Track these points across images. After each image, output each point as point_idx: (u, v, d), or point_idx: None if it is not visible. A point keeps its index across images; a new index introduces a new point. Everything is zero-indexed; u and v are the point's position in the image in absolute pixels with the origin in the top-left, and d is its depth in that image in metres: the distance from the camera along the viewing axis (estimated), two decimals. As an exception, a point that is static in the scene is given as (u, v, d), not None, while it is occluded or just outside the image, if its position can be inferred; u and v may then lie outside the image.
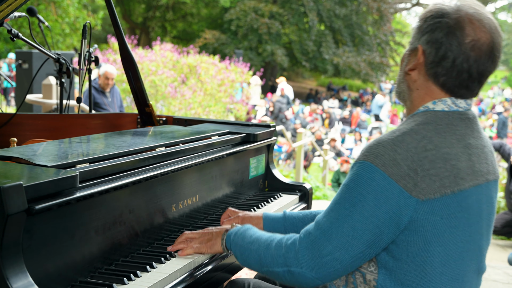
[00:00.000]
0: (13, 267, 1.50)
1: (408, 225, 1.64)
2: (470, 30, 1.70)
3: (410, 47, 1.84)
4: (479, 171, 1.73)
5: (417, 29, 1.81)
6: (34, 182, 1.58)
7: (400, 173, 1.62)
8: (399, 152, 1.64)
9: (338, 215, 1.68)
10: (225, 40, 30.58)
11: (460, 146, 1.71)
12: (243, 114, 14.67)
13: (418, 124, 1.73)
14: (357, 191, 1.66)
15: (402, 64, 1.87)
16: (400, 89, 1.88)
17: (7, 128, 3.13)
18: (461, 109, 1.78)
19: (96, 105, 7.86)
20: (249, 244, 1.86)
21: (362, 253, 1.67)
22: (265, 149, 3.09)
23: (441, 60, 1.74)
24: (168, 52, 14.02)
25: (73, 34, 21.55)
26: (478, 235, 1.75)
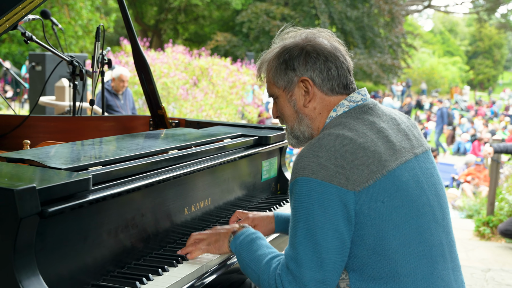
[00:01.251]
0: (25, 270, 1.50)
1: (357, 219, 1.69)
2: (323, 41, 1.92)
3: (287, 90, 1.93)
4: (403, 148, 1.82)
5: (281, 72, 1.92)
6: (47, 185, 1.57)
7: (330, 173, 1.68)
8: (321, 155, 1.71)
9: (299, 239, 1.71)
10: (237, 42, 30.60)
11: (373, 133, 1.79)
12: (255, 116, 14.67)
13: (328, 128, 1.83)
14: (303, 207, 1.70)
15: (289, 111, 1.95)
16: (303, 129, 1.96)
17: (20, 130, 3.14)
18: (359, 102, 1.89)
19: (108, 107, 7.87)
20: (250, 262, 1.87)
21: (336, 262, 1.69)
22: (278, 152, 3.08)
23: (328, 74, 1.89)
24: (180, 55, 14.05)
25: (85, 36, 21.63)
26: (428, 207, 1.80)
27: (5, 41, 21.22)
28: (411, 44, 34.68)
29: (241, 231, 1.98)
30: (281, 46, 1.95)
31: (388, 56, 31.06)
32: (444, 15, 62.24)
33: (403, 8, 33.28)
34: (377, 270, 1.72)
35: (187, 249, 2.07)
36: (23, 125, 3.15)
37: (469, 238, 7.06)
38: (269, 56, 1.98)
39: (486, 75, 54.80)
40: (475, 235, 7.25)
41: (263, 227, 2.28)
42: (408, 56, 33.85)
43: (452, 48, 58.93)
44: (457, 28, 63.90)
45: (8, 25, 2.26)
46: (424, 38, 52.98)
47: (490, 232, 7.11)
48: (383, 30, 32.04)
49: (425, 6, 43.00)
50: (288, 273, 1.72)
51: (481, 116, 28.18)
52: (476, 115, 29.28)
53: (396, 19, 31.88)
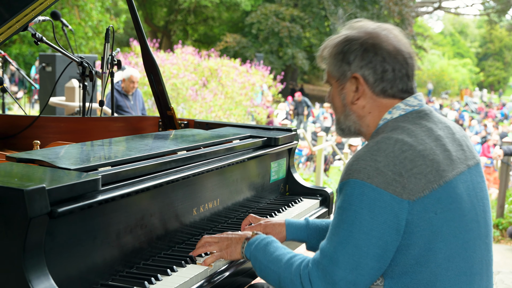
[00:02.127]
0: (35, 269, 1.51)
1: (406, 228, 1.65)
2: (387, 40, 1.83)
3: (339, 82, 1.88)
4: (458, 159, 1.76)
5: (338, 62, 1.87)
6: (57, 185, 1.58)
7: (387, 180, 1.64)
8: (379, 160, 1.67)
9: (340, 238, 1.68)
10: (246, 44, 30.63)
11: (431, 140, 1.74)
12: (264, 117, 14.68)
13: (386, 132, 1.78)
14: (351, 209, 1.67)
15: (338, 102, 1.91)
16: (349, 124, 1.92)
17: (30, 130, 3.16)
18: (416, 107, 1.83)
19: (118, 108, 7.90)
20: (269, 263, 1.85)
21: (372, 268, 1.66)
22: (286, 153, 3.08)
23: (383, 76, 1.82)
24: (189, 56, 14.08)
25: (95, 37, 21.72)
26: (475, 223, 1.75)
27: (15, 42, 21.33)
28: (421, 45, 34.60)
29: (255, 237, 1.97)
30: (345, 35, 1.88)
31: (397, 58, 30.93)
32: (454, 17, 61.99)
33: (413, 9, 33.16)
34: (416, 281, 1.68)
35: (198, 251, 2.06)
36: (33, 126, 3.17)
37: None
38: (332, 42, 1.91)
39: (497, 77, 54.55)
40: (484, 237, 7.21)
41: (275, 235, 2.26)
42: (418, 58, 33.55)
43: (462, 50, 58.70)
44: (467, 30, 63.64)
45: (18, 26, 2.28)
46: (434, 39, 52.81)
47: (500, 235, 7.08)
48: (393, 32, 31.94)
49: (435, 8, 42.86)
50: (319, 268, 1.69)
51: (491, 118, 28.04)
52: (486, 117, 29.15)
53: (406, 20, 31.79)
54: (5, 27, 2.23)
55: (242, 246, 1.98)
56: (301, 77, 38.10)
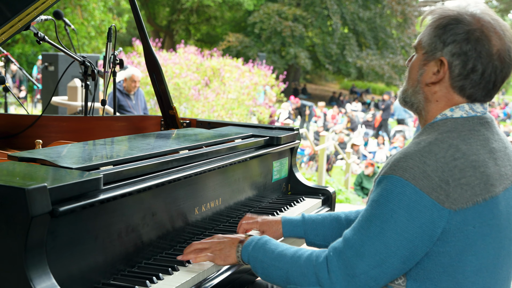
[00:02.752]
0: (36, 268, 1.51)
1: (441, 236, 1.61)
2: (496, 40, 1.69)
3: (425, 56, 1.77)
4: (505, 174, 1.70)
5: (433, 37, 1.74)
6: (59, 184, 1.58)
7: (432, 185, 1.59)
8: (428, 163, 1.61)
9: (369, 233, 1.64)
10: (249, 43, 30.65)
11: (485, 151, 1.68)
12: (266, 117, 14.68)
13: (441, 132, 1.70)
14: (388, 207, 1.62)
15: (414, 73, 1.81)
16: (415, 100, 1.82)
17: (32, 130, 3.16)
18: (478, 114, 1.75)
19: (120, 108, 7.91)
20: (273, 260, 1.80)
21: (396, 269, 1.64)
22: (288, 153, 3.08)
23: (469, 73, 1.70)
24: (192, 55, 14.09)
25: (98, 37, 21.75)
26: (508, 240, 1.71)
27: (18, 42, 21.37)
28: (423, 45, 34.49)
29: (250, 239, 1.91)
30: (458, 12, 1.72)
31: (400, 57, 30.97)
32: (457, 16, 61.82)
33: (416, 9, 33.13)
34: None
35: (188, 256, 1.98)
36: (35, 125, 3.17)
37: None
38: (443, 11, 1.75)
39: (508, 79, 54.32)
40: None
41: (271, 232, 2.26)
42: (420, 57, 33.68)
43: (465, 49, 58.55)
44: (470, 29, 63.52)
45: (20, 25, 2.28)
46: (437, 39, 52.78)
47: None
48: (396, 31, 31.97)
49: (438, 7, 42.77)
50: (341, 258, 1.65)
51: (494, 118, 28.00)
52: (489, 116, 29.07)
53: (409, 20, 31.79)
54: (7, 26, 2.23)
55: (237, 250, 1.91)
56: (304, 77, 38.09)
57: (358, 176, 13.42)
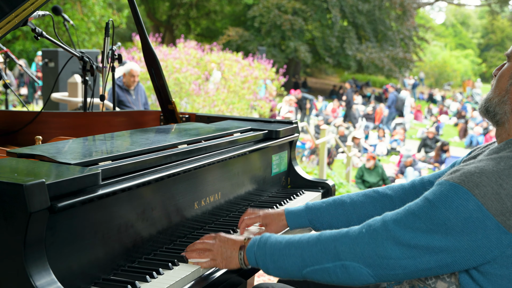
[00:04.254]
0: (36, 264, 1.51)
1: (498, 259, 1.56)
2: None
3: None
4: None
5: None
6: (57, 179, 1.58)
7: (502, 209, 1.53)
8: (504, 187, 1.55)
9: (414, 227, 1.60)
10: (249, 37, 30.61)
11: None
12: (267, 111, 14.67)
13: None
14: (443, 213, 1.57)
15: (504, 82, 1.73)
16: (498, 111, 1.74)
17: (32, 126, 3.16)
18: None
19: (120, 103, 7.91)
20: (283, 249, 1.76)
21: (430, 269, 1.61)
22: (288, 146, 3.08)
23: None
24: (192, 50, 14.07)
25: (98, 32, 21.72)
26: None
27: (19, 38, 21.35)
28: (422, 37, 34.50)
29: (251, 241, 1.87)
30: None
31: (399, 50, 30.94)
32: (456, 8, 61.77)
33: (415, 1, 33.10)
34: None
35: (190, 255, 1.97)
36: (35, 121, 3.17)
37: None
38: None
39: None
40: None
41: (275, 224, 2.24)
42: (420, 50, 33.70)
43: (464, 41, 58.53)
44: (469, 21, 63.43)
45: (17, 21, 2.27)
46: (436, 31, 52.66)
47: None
48: (395, 23, 31.92)
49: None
50: (374, 235, 1.63)
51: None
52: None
53: (408, 12, 31.75)
54: (4, 21, 2.22)
55: (240, 257, 1.88)
56: (304, 70, 38.06)
57: (359, 169, 13.43)
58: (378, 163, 13.40)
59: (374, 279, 1.65)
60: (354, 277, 1.66)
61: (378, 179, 13.01)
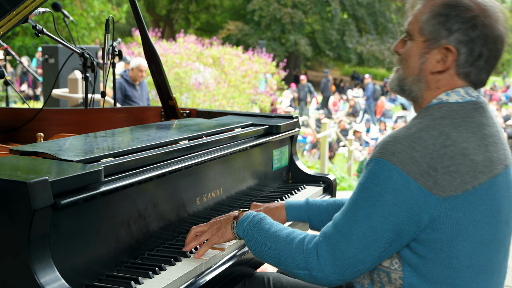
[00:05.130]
0: (40, 261, 1.52)
1: (430, 223, 1.61)
2: (497, 24, 1.69)
3: (427, 44, 1.73)
4: (497, 160, 1.69)
5: (436, 24, 1.70)
6: (60, 177, 1.59)
7: (419, 171, 1.58)
8: (417, 149, 1.60)
9: (357, 216, 1.65)
10: (248, 31, 30.56)
11: (476, 138, 1.67)
12: (267, 105, 14.68)
13: (434, 119, 1.69)
14: (375, 190, 1.62)
15: (414, 61, 1.76)
16: (414, 89, 1.78)
17: (34, 123, 3.17)
18: (473, 98, 1.74)
19: (126, 98, 7.96)
20: (266, 240, 1.82)
21: (383, 251, 1.65)
22: (289, 141, 3.09)
23: (475, 60, 1.70)
24: (192, 44, 14.06)
25: (98, 28, 21.71)
26: (504, 224, 1.71)
27: (18, 34, 21.34)
28: (424, 29, 34.37)
29: (245, 214, 1.95)
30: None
31: (400, 42, 30.84)
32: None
33: (415, -7, 32.94)
34: (435, 273, 1.66)
35: (190, 245, 2.02)
36: (36, 118, 3.18)
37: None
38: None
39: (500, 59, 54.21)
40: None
41: (275, 218, 2.26)
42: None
43: (466, 32, 58.35)
44: (470, 13, 63.25)
45: (18, 18, 2.28)
46: (437, 23, 52.60)
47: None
48: (395, 15, 31.83)
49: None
50: (330, 243, 1.66)
51: (495, 101, 27.96)
52: (491, 100, 29.05)
53: (408, 4, 31.60)
54: (5, 19, 2.23)
55: (232, 226, 1.96)
56: (304, 64, 38.01)
57: (360, 163, 13.45)
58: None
59: (342, 281, 1.70)
60: (322, 283, 1.72)
61: (379, 172, 13.00)
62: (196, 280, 1.87)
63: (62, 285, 1.53)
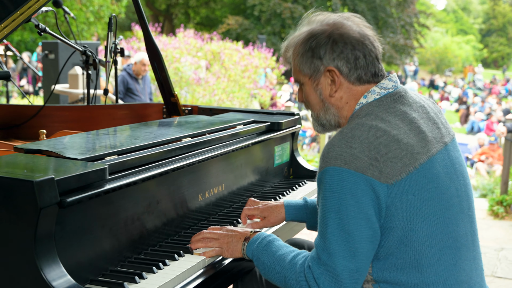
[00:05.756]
0: (46, 258, 1.55)
1: (387, 211, 1.68)
2: (351, 28, 1.85)
3: (313, 79, 1.88)
4: (434, 139, 1.79)
5: (307, 59, 1.86)
6: (65, 175, 1.62)
7: (363, 164, 1.66)
8: (354, 146, 1.68)
9: (330, 229, 1.69)
10: (248, 26, 30.49)
11: (405, 124, 1.76)
12: (267, 100, 14.68)
13: (360, 118, 1.79)
14: (334, 197, 1.68)
15: (314, 99, 1.91)
16: (329, 117, 1.91)
17: (36, 119, 3.20)
18: (390, 90, 1.84)
19: (128, 91, 8.04)
20: (273, 263, 1.84)
21: (368, 250, 1.69)
22: (290, 137, 3.11)
23: (355, 63, 1.83)
24: (192, 39, 14.06)
25: (97, 22, 21.67)
26: (456, 198, 1.78)
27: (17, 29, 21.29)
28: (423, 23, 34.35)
29: (255, 236, 1.95)
30: (308, 31, 1.88)
31: (400, 36, 30.83)
32: (457, -7, 61.52)
33: (415, -13, 32.91)
34: (402, 260, 1.71)
35: (197, 245, 2.03)
36: (38, 115, 3.20)
37: (483, 218, 7.07)
38: (295, 40, 1.91)
39: (500, 53, 54.27)
40: (488, 214, 7.25)
41: (273, 217, 2.31)
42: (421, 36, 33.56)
43: (466, 26, 58.32)
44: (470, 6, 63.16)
45: (22, 18, 2.30)
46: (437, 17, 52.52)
47: (504, 211, 7.11)
48: (395, 10, 31.75)
49: (438, -15, 42.50)
50: (320, 264, 1.71)
51: (495, 95, 27.97)
52: (490, 93, 29.05)
53: (408, -2, 31.56)
54: (9, 19, 2.25)
55: (243, 247, 1.96)
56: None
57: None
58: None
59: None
60: None
61: (379, 167, 13.03)
62: (199, 275, 1.90)
63: (67, 280, 1.57)
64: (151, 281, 1.77)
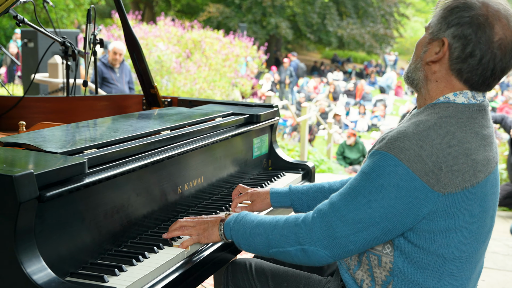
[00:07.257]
0: (26, 252, 1.56)
1: (427, 215, 1.69)
2: (499, 28, 1.72)
3: (431, 36, 1.81)
4: (491, 159, 1.78)
5: (440, 18, 1.78)
6: (45, 170, 1.63)
7: (425, 169, 1.65)
8: (424, 148, 1.66)
9: (356, 202, 1.71)
10: (229, 14, 30.40)
11: (478, 139, 1.74)
12: (248, 89, 14.69)
13: (441, 117, 1.75)
14: (378, 182, 1.68)
15: (419, 50, 1.86)
16: (415, 77, 1.86)
17: (15, 111, 3.18)
18: (478, 102, 1.80)
19: (104, 80, 8.06)
20: (253, 228, 1.90)
21: (377, 238, 1.73)
22: (269, 129, 3.14)
23: (467, 57, 1.74)
24: (172, 27, 14.01)
25: (77, 9, 21.46)
26: (490, 218, 1.81)
27: (-4, 18, 21.00)
28: (403, 13, 34.54)
29: (230, 216, 2.01)
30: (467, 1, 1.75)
31: (380, 26, 30.97)
32: (437, -17, 61.65)
33: (396, -24, 33.00)
34: (425, 261, 1.74)
35: (173, 233, 2.06)
36: (18, 106, 3.19)
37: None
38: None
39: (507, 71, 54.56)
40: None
41: (260, 202, 2.39)
42: (400, 26, 33.75)
43: (446, 16, 58.52)
44: (450, -4, 63.39)
45: (0, 11, 2.29)
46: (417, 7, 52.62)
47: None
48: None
49: (418, -26, 42.65)
50: (325, 220, 1.74)
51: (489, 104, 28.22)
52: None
53: (389, -12, 31.66)
54: (-13, 12, 2.24)
55: (219, 228, 2.02)
56: (285, 47, 37.95)
57: (340, 146, 13.55)
58: (359, 140, 13.53)
59: (332, 258, 1.78)
60: (313, 259, 1.80)
61: (359, 155, 13.15)
62: (178, 267, 1.92)
63: (48, 274, 1.58)
64: (131, 274, 1.78)
